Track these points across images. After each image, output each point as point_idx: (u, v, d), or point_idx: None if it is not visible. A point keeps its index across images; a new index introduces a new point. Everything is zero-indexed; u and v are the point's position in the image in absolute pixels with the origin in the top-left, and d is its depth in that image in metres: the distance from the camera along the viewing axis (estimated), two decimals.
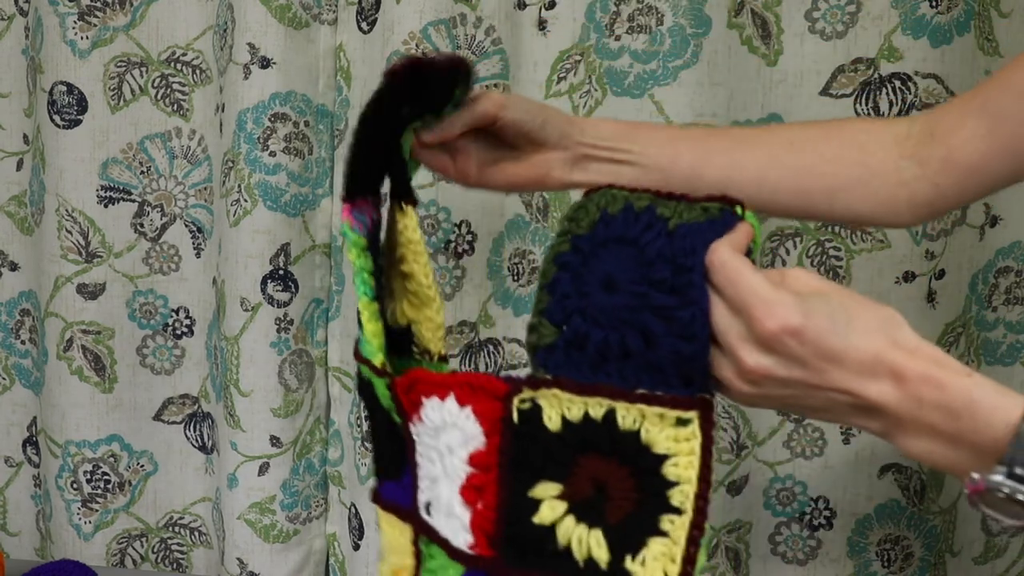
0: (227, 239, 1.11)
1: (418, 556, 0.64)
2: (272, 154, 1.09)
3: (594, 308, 0.54)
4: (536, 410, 0.56)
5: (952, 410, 0.48)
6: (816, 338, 0.50)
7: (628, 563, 0.52)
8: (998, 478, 0.47)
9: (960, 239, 1.04)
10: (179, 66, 1.14)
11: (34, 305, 1.22)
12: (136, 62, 1.14)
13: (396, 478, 0.66)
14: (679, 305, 0.51)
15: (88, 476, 1.20)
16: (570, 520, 0.54)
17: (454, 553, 0.60)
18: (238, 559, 1.17)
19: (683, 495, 0.52)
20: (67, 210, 1.15)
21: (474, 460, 0.58)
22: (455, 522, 0.59)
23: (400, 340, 0.70)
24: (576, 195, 1.06)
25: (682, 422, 0.52)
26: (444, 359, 0.71)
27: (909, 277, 1.02)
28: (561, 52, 1.04)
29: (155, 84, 1.15)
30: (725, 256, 0.52)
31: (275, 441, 1.14)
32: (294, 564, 1.18)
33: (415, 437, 0.63)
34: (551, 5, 1.04)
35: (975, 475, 0.47)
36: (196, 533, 1.24)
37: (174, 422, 1.22)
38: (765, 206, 0.72)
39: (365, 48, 1.07)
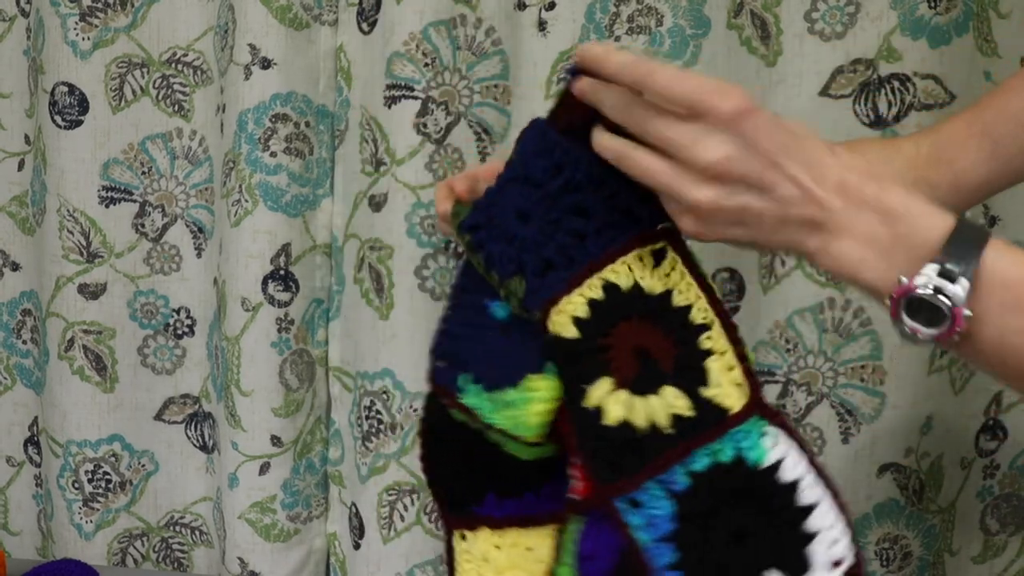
0: (228, 239, 1.11)
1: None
2: (273, 154, 1.09)
3: (509, 233, 0.57)
4: (552, 335, 0.56)
5: (892, 214, 0.50)
6: (769, 125, 0.50)
7: (705, 393, 0.53)
8: (928, 274, 0.48)
9: None
10: (180, 67, 1.15)
11: (35, 305, 1.22)
12: (137, 63, 1.14)
13: (519, 495, 0.64)
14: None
15: (89, 476, 1.21)
16: (636, 401, 0.54)
17: (571, 507, 0.58)
18: (239, 558, 1.17)
19: (702, 311, 0.54)
20: (68, 210, 1.15)
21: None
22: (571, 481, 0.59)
23: None
24: None
25: (658, 253, 0.54)
26: None
27: None
28: (561, 53, 1.04)
29: (156, 85, 1.15)
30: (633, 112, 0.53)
31: (276, 441, 1.14)
32: (295, 563, 1.18)
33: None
34: (551, 6, 1.04)
35: (903, 278, 0.49)
36: (197, 532, 1.24)
37: (175, 422, 1.22)
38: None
39: (365, 49, 1.07)
